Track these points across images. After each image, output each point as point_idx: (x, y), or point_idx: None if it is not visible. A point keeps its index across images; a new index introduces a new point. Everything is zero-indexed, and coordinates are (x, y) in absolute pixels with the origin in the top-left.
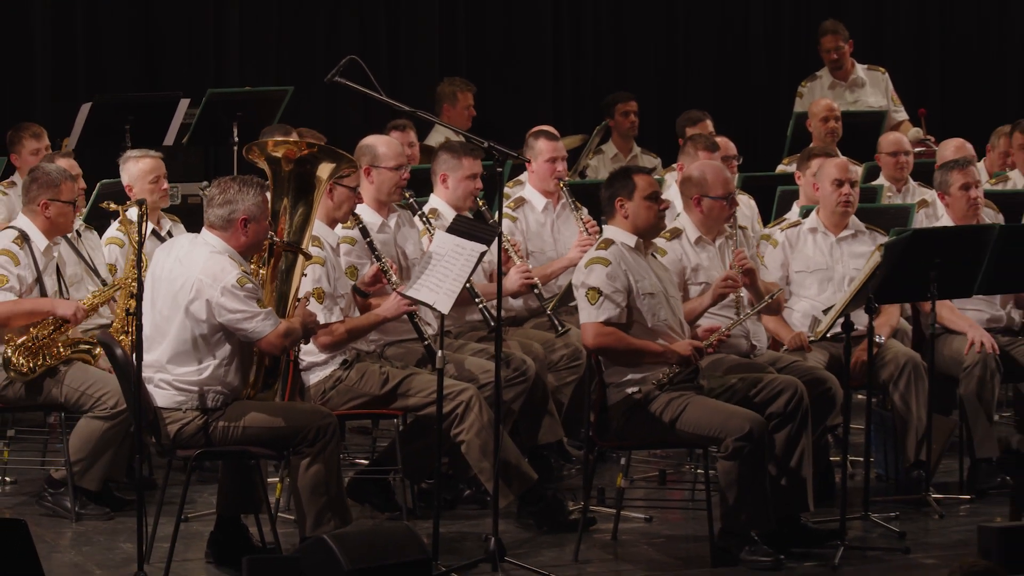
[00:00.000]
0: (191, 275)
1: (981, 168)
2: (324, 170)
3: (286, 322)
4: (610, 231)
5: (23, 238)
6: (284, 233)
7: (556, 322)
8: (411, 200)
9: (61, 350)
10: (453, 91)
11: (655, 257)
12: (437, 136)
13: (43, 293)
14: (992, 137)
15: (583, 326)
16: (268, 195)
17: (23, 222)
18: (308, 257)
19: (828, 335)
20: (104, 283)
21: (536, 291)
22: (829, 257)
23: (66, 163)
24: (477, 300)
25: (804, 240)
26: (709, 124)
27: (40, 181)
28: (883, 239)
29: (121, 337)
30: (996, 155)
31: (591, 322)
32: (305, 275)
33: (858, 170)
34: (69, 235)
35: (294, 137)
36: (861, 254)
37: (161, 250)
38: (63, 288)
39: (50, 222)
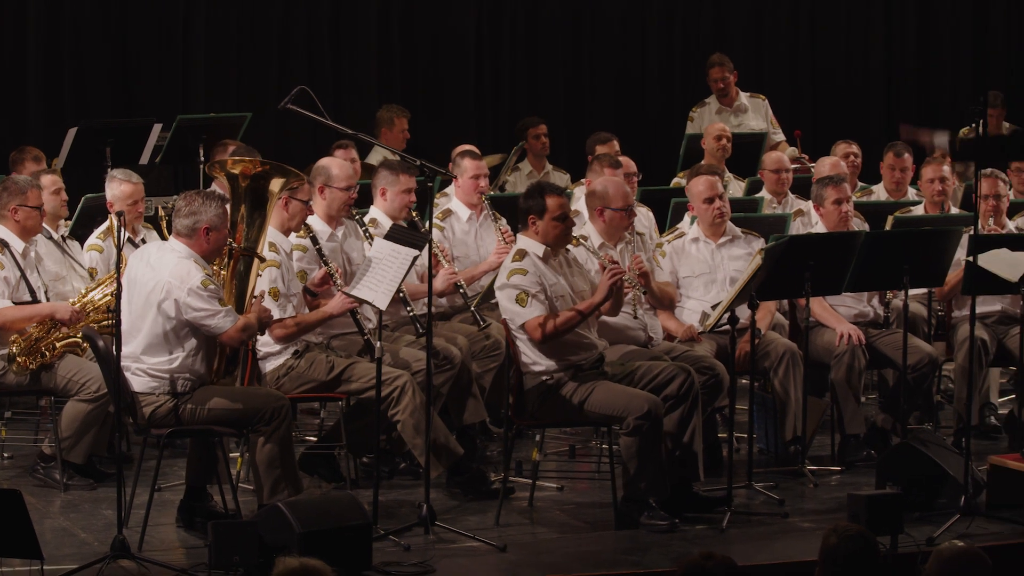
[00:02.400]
0: (161, 278)
1: None
2: (275, 184)
3: (244, 318)
4: (523, 241)
5: (2, 244)
6: (241, 239)
7: (479, 317)
8: (357, 216)
9: (57, 346)
10: (390, 116)
11: (566, 257)
12: (376, 156)
13: (29, 288)
14: (832, 147)
15: (526, 326)
16: (227, 206)
17: (0, 231)
18: (262, 260)
19: (716, 328)
20: (86, 282)
21: (461, 290)
22: (711, 261)
23: (49, 180)
24: (408, 309)
25: (688, 249)
26: (616, 144)
27: (10, 190)
28: (758, 241)
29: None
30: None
31: (529, 320)
32: (260, 275)
33: (740, 184)
34: (55, 239)
35: (258, 157)
36: (739, 256)
37: (134, 256)
38: (42, 283)
39: (20, 226)
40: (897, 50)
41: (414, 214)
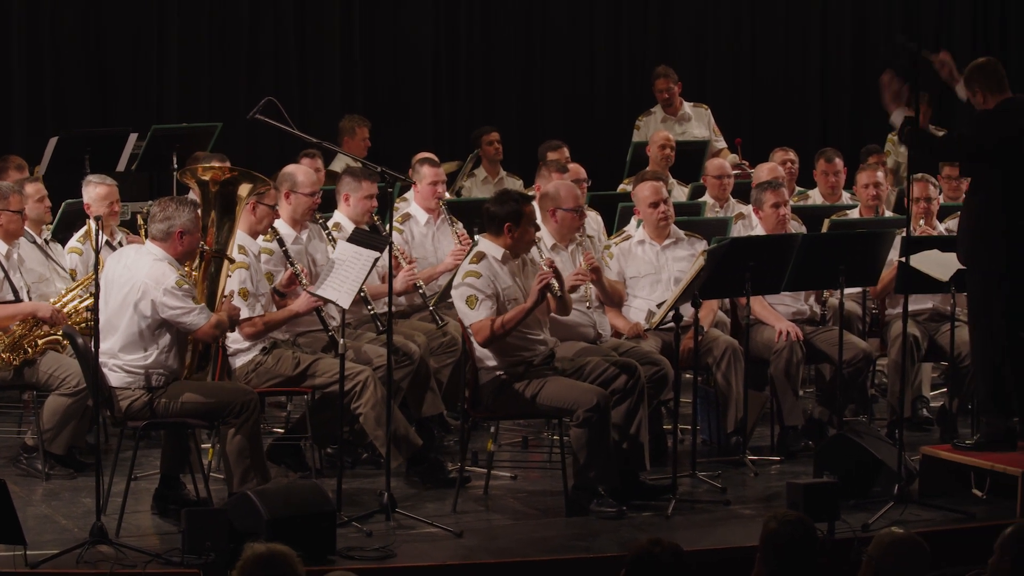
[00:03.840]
0: (138, 279)
1: None
2: (244, 190)
3: (216, 315)
4: (484, 244)
5: None
6: (212, 242)
7: (437, 316)
8: (321, 220)
9: (39, 343)
10: (352, 125)
11: (524, 258)
12: (339, 163)
13: (12, 288)
14: (771, 154)
15: (472, 327)
16: (199, 211)
17: None
18: (232, 261)
19: (661, 325)
20: (67, 283)
21: (420, 290)
22: (656, 262)
23: (34, 189)
24: (369, 308)
25: (634, 251)
26: (566, 151)
27: None
28: (700, 243)
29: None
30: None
31: (475, 321)
32: (230, 276)
33: (684, 189)
34: (38, 242)
35: (227, 164)
36: (682, 257)
37: (112, 258)
38: (25, 283)
39: (3, 229)
40: (832, 62)
41: (375, 218)
